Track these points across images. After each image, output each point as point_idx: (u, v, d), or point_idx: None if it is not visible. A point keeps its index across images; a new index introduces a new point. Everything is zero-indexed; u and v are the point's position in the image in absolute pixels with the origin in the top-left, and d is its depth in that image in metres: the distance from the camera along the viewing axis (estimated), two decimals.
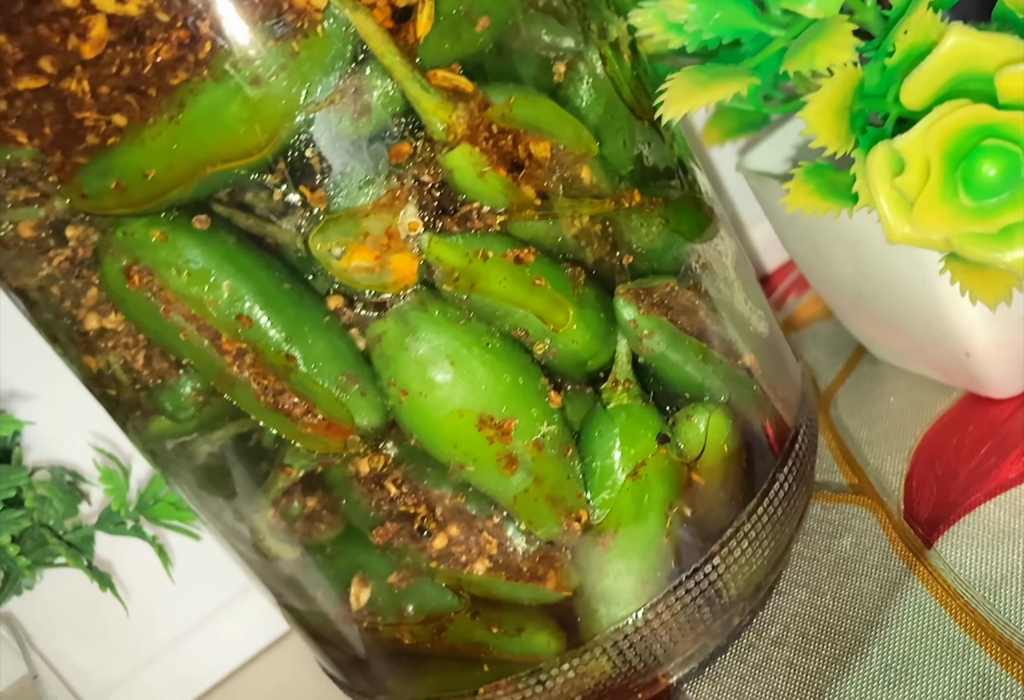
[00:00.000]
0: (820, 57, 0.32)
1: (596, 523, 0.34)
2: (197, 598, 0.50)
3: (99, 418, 0.44)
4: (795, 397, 0.41)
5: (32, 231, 0.31)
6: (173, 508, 0.41)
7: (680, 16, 0.35)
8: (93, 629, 0.47)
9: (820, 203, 0.35)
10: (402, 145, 0.30)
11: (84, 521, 0.43)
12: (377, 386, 0.32)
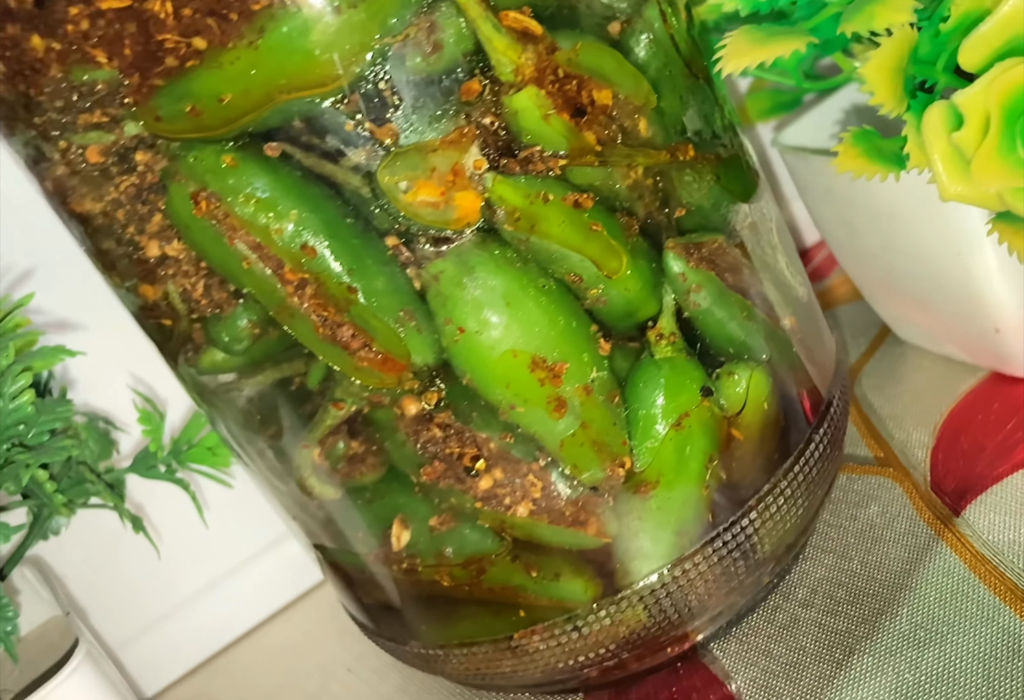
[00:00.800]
0: (879, 18, 0.33)
1: (638, 471, 0.35)
2: (226, 548, 0.50)
3: (136, 362, 0.45)
4: (830, 364, 0.41)
5: (99, 156, 0.31)
6: (209, 453, 0.41)
7: None
8: (120, 575, 0.47)
9: (868, 166, 0.36)
10: (472, 83, 0.30)
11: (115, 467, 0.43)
12: (432, 324, 0.32)
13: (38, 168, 0.33)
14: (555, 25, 0.32)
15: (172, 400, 0.46)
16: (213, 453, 0.41)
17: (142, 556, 0.46)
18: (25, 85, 0.30)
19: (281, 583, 0.54)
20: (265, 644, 0.53)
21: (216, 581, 0.51)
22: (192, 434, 0.42)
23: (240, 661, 0.53)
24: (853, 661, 0.36)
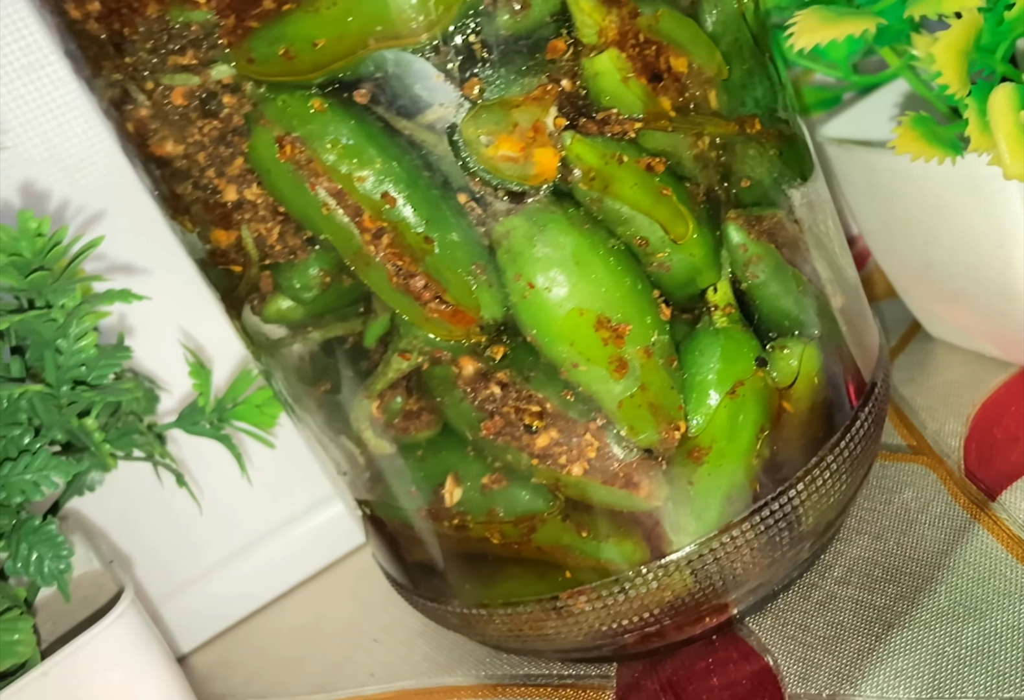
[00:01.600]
0: (948, 1, 0.34)
1: (692, 436, 0.35)
2: (264, 510, 0.50)
3: (185, 318, 0.45)
4: (874, 349, 0.42)
5: (184, 98, 0.32)
6: (256, 410, 0.41)
7: None
8: (157, 533, 0.47)
9: (926, 149, 0.37)
10: (557, 41, 0.31)
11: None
12: (500, 280, 0.33)
13: (120, 110, 0.33)
14: None
15: (217, 360, 0.46)
16: (260, 411, 0.42)
17: (171, 517, 0.47)
18: (120, 24, 0.31)
19: (304, 556, 0.54)
20: (287, 615, 0.54)
21: (242, 549, 0.51)
22: (239, 391, 0.42)
23: (261, 631, 0.53)
24: (892, 635, 0.37)
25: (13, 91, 0.42)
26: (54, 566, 0.34)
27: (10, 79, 0.42)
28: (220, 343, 0.46)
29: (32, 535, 0.34)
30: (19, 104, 0.42)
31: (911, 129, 0.37)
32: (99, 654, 0.36)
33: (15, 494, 0.33)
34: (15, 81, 0.42)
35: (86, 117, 0.43)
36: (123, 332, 0.40)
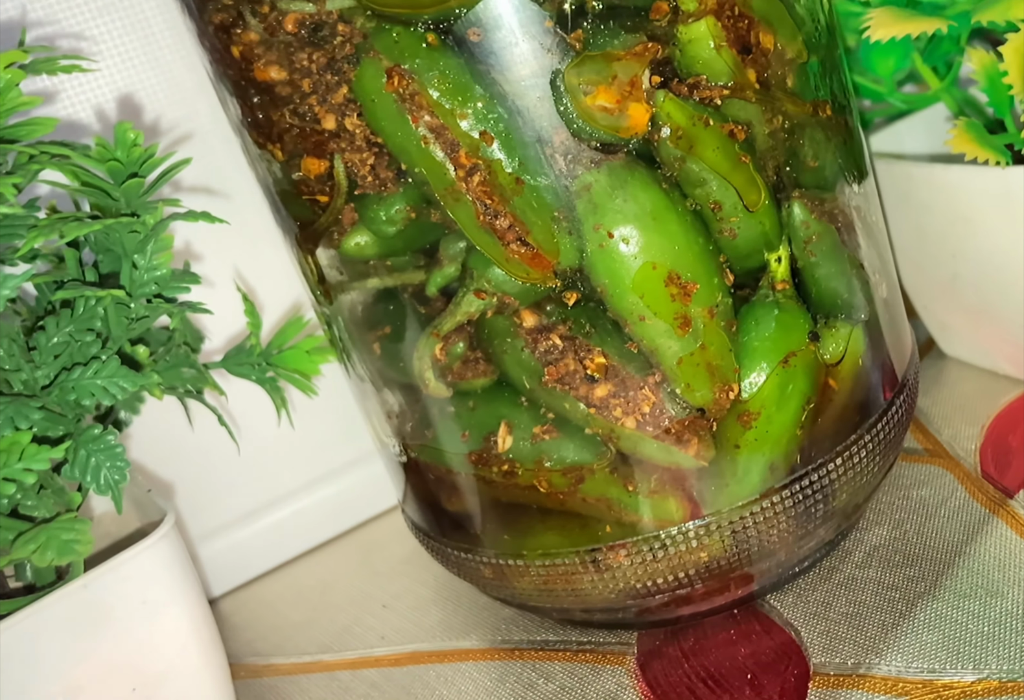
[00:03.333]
0: (1015, 9, 0.36)
1: (744, 400, 0.36)
2: (300, 462, 0.51)
3: (239, 263, 0.46)
4: (907, 347, 0.43)
5: (295, 26, 0.33)
6: (304, 357, 0.42)
7: None
8: (192, 476, 0.48)
9: (979, 150, 0.39)
10: (661, 3, 0.33)
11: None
12: (578, 230, 0.34)
13: (228, 34, 0.34)
14: None
15: (265, 307, 0.47)
16: (308, 357, 0.42)
17: (195, 464, 0.47)
18: None
19: (313, 525, 0.54)
20: (290, 582, 0.53)
21: (249, 513, 0.51)
22: (288, 337, 0.42)
23: (265, 596, 0.53)
24: (915, 612, 0.38)
25: (114, 17, 0.43)
26: (111, 476, 0.34)
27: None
28: (269, 291, 0.46)
29: (91, 443, 0.34)
30: (115, 26, 0.43)
31: (965, 131, 0.39)
32: (137, 573, 0.36)
33: (85, 396, 0.33)
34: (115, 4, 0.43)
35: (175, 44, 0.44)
36: (188, 260, 0.41)
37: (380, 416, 0.41)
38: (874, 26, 0.37)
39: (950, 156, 0.46)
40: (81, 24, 0.43)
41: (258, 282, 0.47)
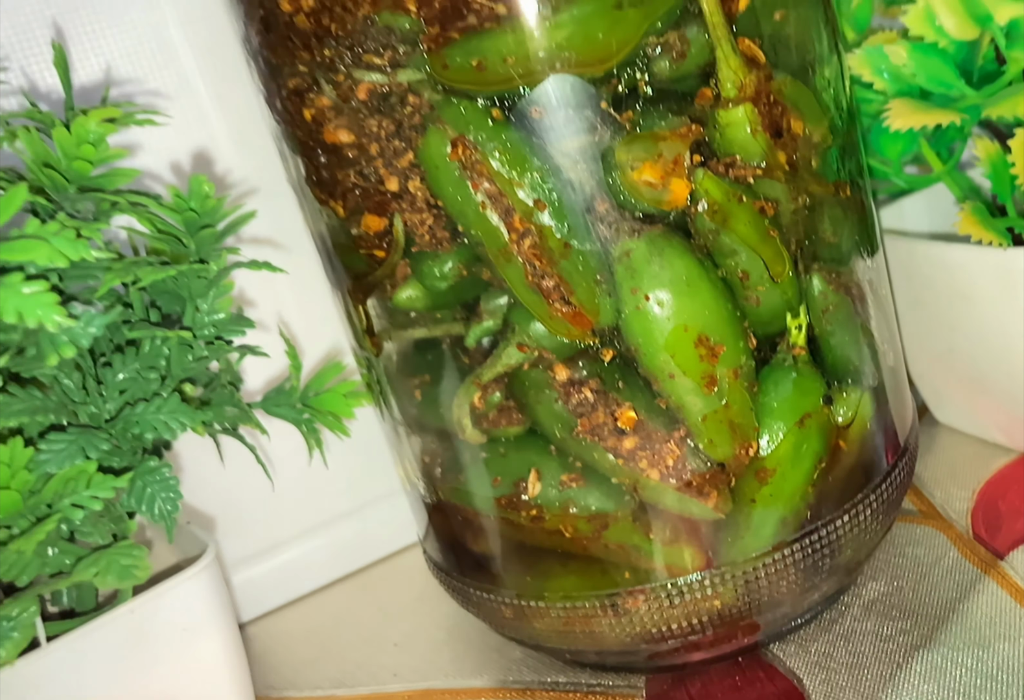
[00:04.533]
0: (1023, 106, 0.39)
1: (761, 457, 0.39)
2: (317, 501, 0.52)
3: (284, 307, 0.48)
4: (909, 415, 0.46)
5: (367, 94, 0.36)
6: (340, 399, 0.44)
7: (900, 59, 0.42)
8: (212, 509, 0.49)
9: (984, 233, 0.42)
10: (706, 90, 0.36)
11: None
12: (618, 292, 0.37)
13: (302, 98, 0.37)
14: (772, 60, 0.38)
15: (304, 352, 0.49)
16: (344, 401, 0.44)
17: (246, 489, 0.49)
18: (329, 20, 0.35)
19: (325, 562, 0.56)
20: (304, 617, 0.55)
21: (266, 549, 0.53)
22: (326, 380, 0.44)
23: (279, 630, 0.54)
24: (912, 663, 0.40)
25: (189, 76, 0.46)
26: (164, 506, 0.36)
27: (197, 55, 0.45)
28: (309, 335, 0.49)
29: (148, 474, 0.36)
30: (189, 84, 0.46)
31: (971, 214, 0.42)
32: (180, 601, 0.38)
33: (148, 430, 0.35)
34: (202, 59, 0.45)
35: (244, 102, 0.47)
36: (241, 306, 0.43)
37: (412, 458, 0.43)
38: (892, 116, 0.41)
39: (951, 234, 0.50)
40: (158, 81, 0.45)
41: (299, 327, 0.49)
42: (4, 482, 0.32)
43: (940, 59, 0.42)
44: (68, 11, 0.44)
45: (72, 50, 0.44)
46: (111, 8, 0.45)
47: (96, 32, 0.45)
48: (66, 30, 0.44)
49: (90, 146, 0.33)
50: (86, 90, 0.44)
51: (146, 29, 0.46)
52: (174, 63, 0.46)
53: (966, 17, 0.38)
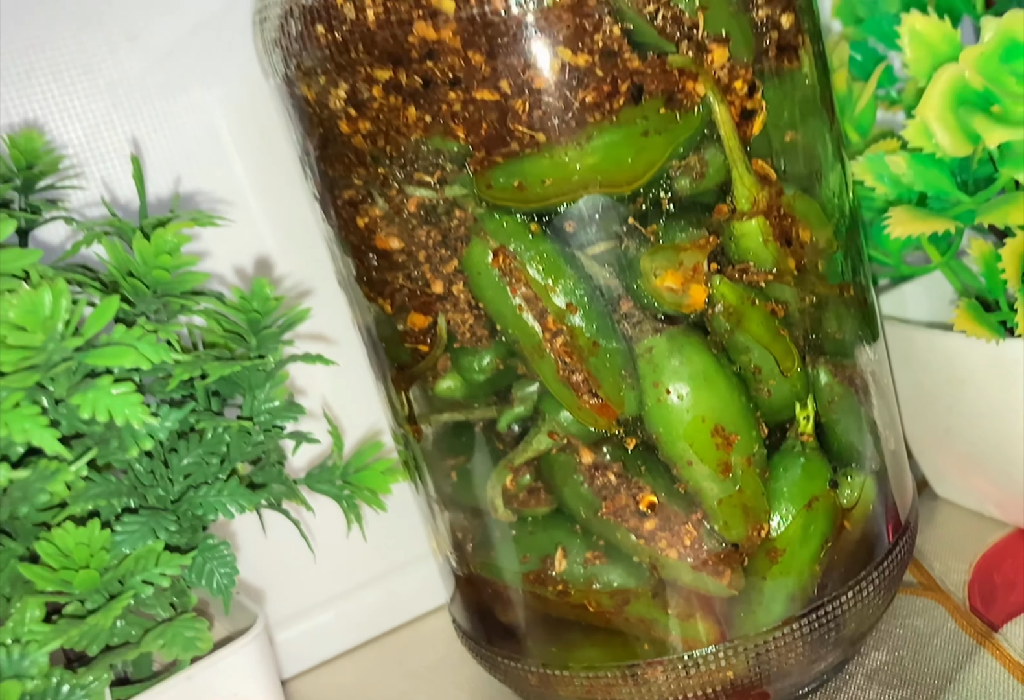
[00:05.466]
0: (1013, 215, 0.43)
1: (772, 538, 0.42)
2: (345, 566, 0.55)
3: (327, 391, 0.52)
4: (909, 494, 0.49)
5: (417, 207, 0.39)
6: (379, 476, 0.47)
7: (900, 169, 0.46)
8: (255, 571, 0.52)
9: (978, 329, 0.46)
10: (723, 205, 0.40)
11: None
12: (639, 385, 0.40)
13: (356, 207, 0.41)
14: (782, 174, 0.41)
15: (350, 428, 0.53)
16: (382, 477, 0.47)
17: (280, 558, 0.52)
18: (384, 142, 0.38)
19: (352, 625, 0.59)
20: (330, 680, 0.58)
21: (297, 612, 0.56)
22: (365, 458, 0.48)
23: (305, 694, 0.57)
24: None
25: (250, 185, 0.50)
26: (222, 581, 0.39)
27: (248, 161, 0.49)
28: (350, 416, 0.52)
29: (208, 551, 0.39)
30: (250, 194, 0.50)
31: (966, 311, 0.46)
32: (233, 669, 0.41)
33: (210, 511, 0.39)
34: (253, 165, 0.49)
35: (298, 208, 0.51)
36: (292, 392, 0.46)
37: (444, 532, 0.46)
38: (893, 224, 0.44)
39: (949, 323, 0.53)
40: (221, 190, 0.49)
41: (339, 406, 0.52)
42: (84, 561, 0.36)
43: (937, 169, 0.46)
44: (132, 117, 0.48)
45: (125, 151, 0.48)
46: (167, 114, 0.49)
47: (152, 136, 0.49)
48: (126, 134, 0.48)
49: (167, 256, 0.36)
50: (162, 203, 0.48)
51: (199, 134, 0.50)
52: (226, 168, 0.50)
53: (960, 135, 0.42)
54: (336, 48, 0.37)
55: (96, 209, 0.47)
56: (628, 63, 0.37)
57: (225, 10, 0.49)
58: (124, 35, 0.49)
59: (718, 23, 0.38)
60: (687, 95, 0.38)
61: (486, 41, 0.36)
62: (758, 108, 0.39)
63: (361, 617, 0.59)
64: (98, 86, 0.49)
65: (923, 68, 0.45)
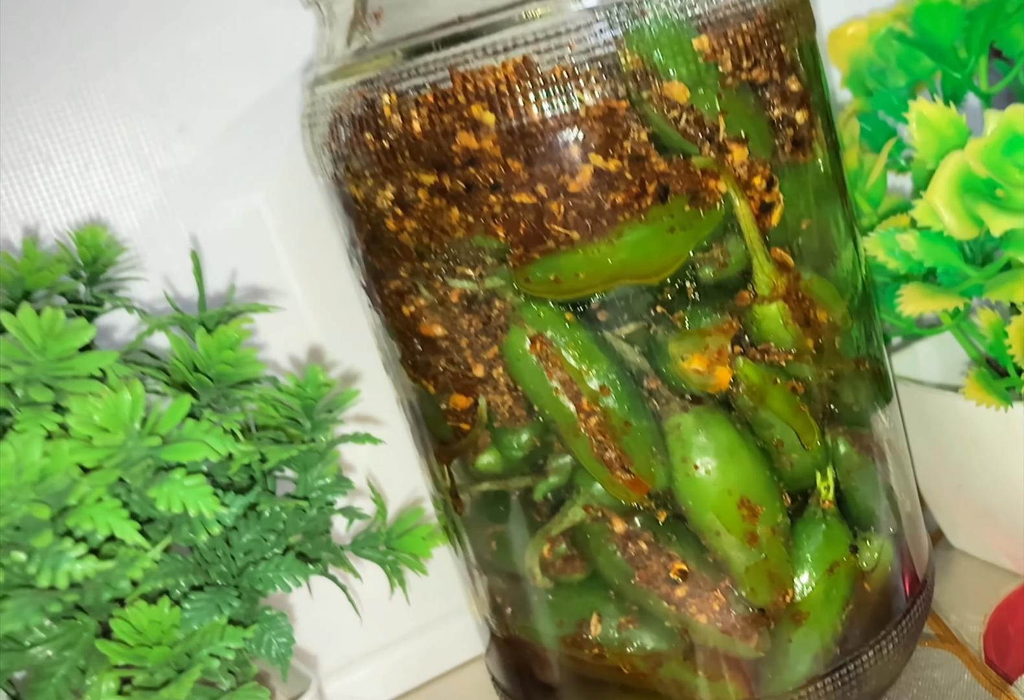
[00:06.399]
0: (1019, 293, 0.46)
1: (796, 602, 0.44)
2: (391, 620, 0.58)
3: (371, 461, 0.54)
4: (925, 552, 0.52)
5: (458, 298, 0.42)
6: (420, 541, 0.50)
7: (910, 247, 0.48)
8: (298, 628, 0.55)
9: (987, 397, 0.48)
10: (745, 292, 0.42)
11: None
12: (668, 460, 0.43)
13: (401, 297, 0.43)
14: (799, 259, 0.44)
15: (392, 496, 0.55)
16: (423, 542, 0.50)
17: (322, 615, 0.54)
18: (429, 239, 0.41)
19: (390, 679, 0.61)
20: None
21: (336, 668, 0.59)
22: (407, 524, 0.50)
23: None
24: None
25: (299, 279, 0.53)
26: (281, 651, 0.42)
27: (292, 252, 0.52)
28: (391, 484, 0.55)
29: (267, 623, 0.42)
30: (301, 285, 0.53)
31: (976, 381, 0.48)
32: None
33: (269, 586, 0.41)
34: (297, 255, 0.52)
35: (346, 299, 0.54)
36: (340, 466, 0.49)
37: (483, 595, 0.48)
38: (905, 302, 0.47)
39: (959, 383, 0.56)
40: (267, 277, 0.52)
41: (381, 474, 0.55)
42: (156, 638, 0.38)
43: (945, 245, 0.48)
44: (182, 206, 0.52)
45: (177, 238, 0.51)
46: (215, 203, 0.52)
47: (203, 224, 0.52)
48: (177, 222, 0.52)
49: (230, 351, 0.39)
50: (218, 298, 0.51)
51: (245, 223, 0.53)
52: (272, 256, 0.53)
53: (967, 219, 0.45)
54: (384, 154, 0.40)
55: (148, 291, 0.50)
56: (655, 166, 0.40)
57: (269, 103, 0.52)
58: (175, 126, 0.52)
59: (737, 124, 0.41)
60: (710, 193, 0.41)
61: (524, 150, 0.39)
62: (776, 201, 0.42)
63: (400, 669, 0.61)
64: (151, 176, 0.52)
65: (930, 151, 0.47)
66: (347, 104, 0.41)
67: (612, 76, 0.38)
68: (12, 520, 0.33)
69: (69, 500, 0.33)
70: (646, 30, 0.38)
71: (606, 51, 0.38)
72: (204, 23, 0.52)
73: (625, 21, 0.38)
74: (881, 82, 0.60)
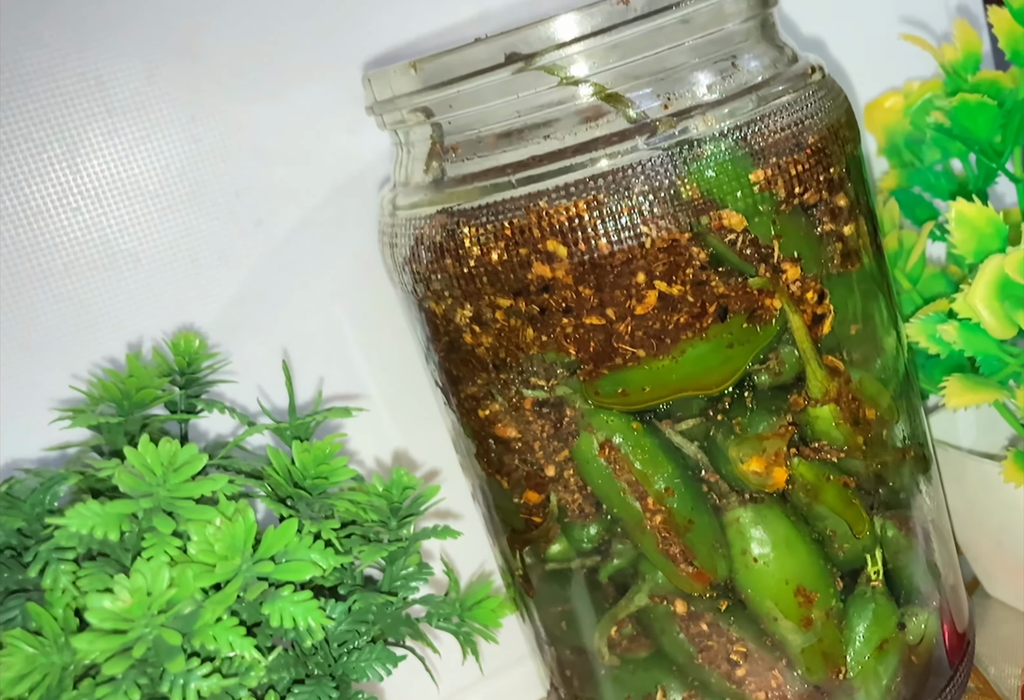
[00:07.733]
0: None
1: (850, 678, 0.47)
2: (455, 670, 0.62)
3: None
4: (966, 616, 0.55)
5: (531, 404, 0.45)
6: (490, 612, 0.53)
7: (951, 338, 0.51)
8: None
9: (1019, 476, 0.51)
10: (798, 397, 0.45)
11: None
12: (728, 552, 0.46)
13: (477, 402, 0.47)
14: (848, 360, 0.47)
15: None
16: (492, 613, 0.53)
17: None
18: (504, 354, 0.44)
19: None
20: None
21: None
22: (478, 596, 0.54)
23: None
24: None
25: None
26: None
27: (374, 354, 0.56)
28: (460, 558, 0.59)
29: None
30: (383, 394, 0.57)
31: (1015, 463, 0.51)
32: None
33: (362, 675, 0.45)
34: (376, 360, 0.56)
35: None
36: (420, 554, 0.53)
37: (552, 664, 0.52)
38: (949, 395, 0.50)
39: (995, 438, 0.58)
40: (344, 377, 0.56)
41: (453, 552, 0.59)
42: None
43: (984, 335, 0.51)
44: (259, 300, 0.55)
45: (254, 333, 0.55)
46: (290, 299, 0.55)
47: (277, 318, 0.56)
48: (254, 315, 0.55)
49: (326, 465, 0.43)
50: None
51: (320, 320, 0.56)
52: (346, 356, 0.56)
53: (1006, 322, 0.48)
54: (463, 279, 0.43)
55: (231, 389, 0.54)
56: (715, 288, 0.42)
57: (342, 200, 0.56)
58: (252, 221, 0.55)
59: (791, 245, 0.44)
60: (766, 310, 0.43)
61: (594, 278, 0.42)
62: (827, 312, 0.45)
63: None
64: (230, 269, 0.55)
65: (969, 248, 0.50)
66: (428, 231, 0.44)
67: (675, 210, 0.41)
68: (147, 643, 0.36)
69: (195, 625, 0.37)
70: (706, 166, 0.41)
71: (669, 188, 0.41)
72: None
73: (686, 158, 0.41)
74: (916, 154, 0.63)
